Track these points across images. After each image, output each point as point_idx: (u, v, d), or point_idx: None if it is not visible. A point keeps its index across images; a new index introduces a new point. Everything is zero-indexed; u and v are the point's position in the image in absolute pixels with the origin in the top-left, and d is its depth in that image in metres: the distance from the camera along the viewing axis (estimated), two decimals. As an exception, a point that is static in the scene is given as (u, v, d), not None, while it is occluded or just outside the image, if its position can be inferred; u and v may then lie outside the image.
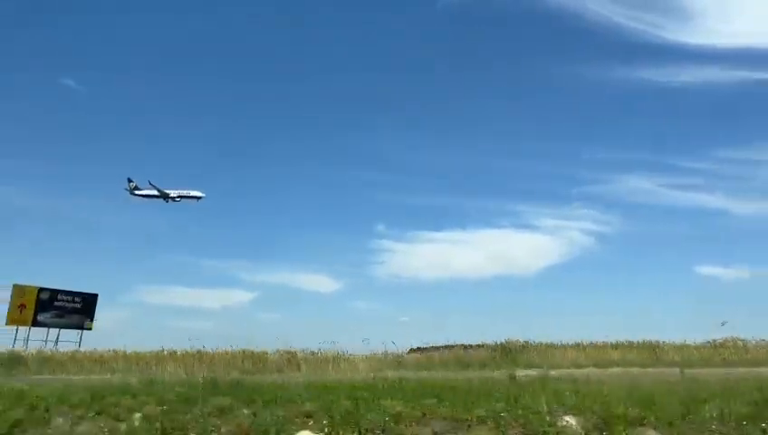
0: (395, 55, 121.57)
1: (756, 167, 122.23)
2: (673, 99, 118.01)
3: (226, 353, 26.65)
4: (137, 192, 54.37)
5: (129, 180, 54.29)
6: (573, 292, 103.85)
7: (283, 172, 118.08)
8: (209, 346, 27.20)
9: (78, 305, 42.17)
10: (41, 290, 40.31)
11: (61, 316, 40.76)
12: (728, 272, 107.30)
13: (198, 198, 54.59)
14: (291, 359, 25.63)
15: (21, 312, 38.54)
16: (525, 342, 27.68)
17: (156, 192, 53.71)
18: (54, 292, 41.14)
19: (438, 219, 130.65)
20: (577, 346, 27.15)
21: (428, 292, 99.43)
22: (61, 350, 33.47)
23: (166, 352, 27.10)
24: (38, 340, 38.65)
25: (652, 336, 27.51)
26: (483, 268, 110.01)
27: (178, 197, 53.61)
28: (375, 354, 26.15)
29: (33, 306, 39.15)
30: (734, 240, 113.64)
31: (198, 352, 26.69)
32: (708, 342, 26.98)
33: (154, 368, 24.17)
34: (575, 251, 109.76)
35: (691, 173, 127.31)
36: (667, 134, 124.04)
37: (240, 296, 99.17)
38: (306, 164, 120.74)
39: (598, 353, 26.10)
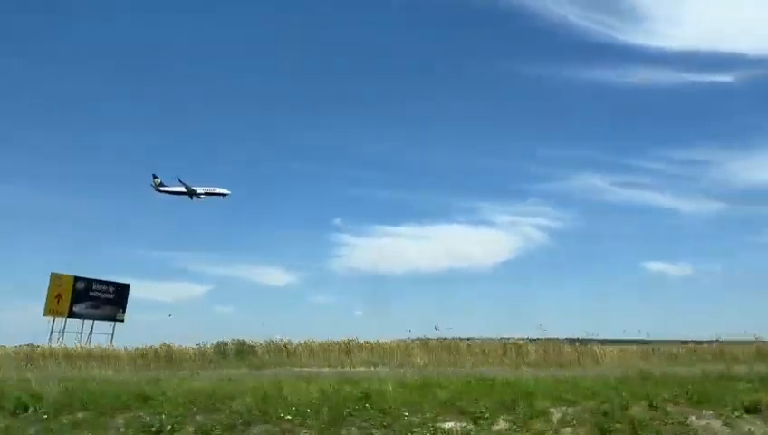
0: (354, 52, 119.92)
1: (702, 167, 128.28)
2: (626, 99, 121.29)
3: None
4: (162, 188, 52.82)
5: (155, 176, 52.70)
6: (526, 286, 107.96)
7: (239, 164, 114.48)
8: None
9: (111, 296, 41.37)
10: (77, 279, 39.29)
11: (96, 307, 39.95)
12: (674, 267, 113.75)
13: (224, 195, 53.42)
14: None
15: (58, 302, 37.57)
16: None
17: (182, 189, 52.33)
18: (90, 281, 40.20)
19: (397, 214, 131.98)
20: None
21: (386, 286, 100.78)
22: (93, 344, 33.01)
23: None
24: (72, 332, 37.98)
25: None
26: (440, 263, 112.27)
27: (205, 193, 52.30)
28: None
29: (70, 296, 38.19)
30: (680, 238, 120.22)
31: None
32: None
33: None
34: (529, 246, 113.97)
35: (642, 172, 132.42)
36: (620, 134, 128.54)
37: (193, 290, 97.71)
38: (262, 156, 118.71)
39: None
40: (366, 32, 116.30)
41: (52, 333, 36.59)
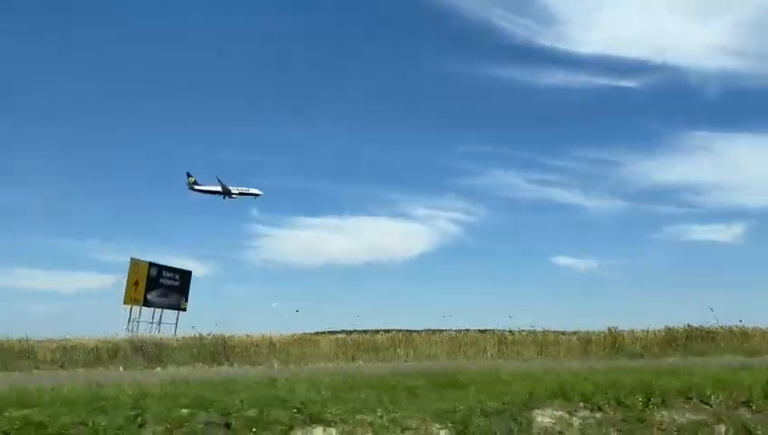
0: (273, 41, 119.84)
1: (609, 167, 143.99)
2: (540, 99, 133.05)
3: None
4: (196, 187, 51.57)
5: (189, 175, 51.21)
6: (440, 280, 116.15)
7: (150, 149, 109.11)
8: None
9: (177, 283, 40.16)
10: (151, 265, 37.72)
11: (164, 295, 38.70)
12: (581, 263, 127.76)
13: (257, 195, 53.38)
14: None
15: (135, 290, 36.08)
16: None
17: (216, 188, 51.61)
18: (161, 268, 38.70)
19: (315, 206, 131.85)
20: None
21: (304, 278, 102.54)
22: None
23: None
24: (144, 321, 36.77)
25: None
26: (357, 255, 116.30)
27: (239, 193, 51.76)
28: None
29: (144, 284, 36.75)
30: (587, 234, 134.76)
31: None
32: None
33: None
34: (445, 240, 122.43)
35: (553, 170, 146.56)
36: (534, 133, 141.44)
37: (97, 280, 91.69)
38: (174, 142, 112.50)
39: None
40: (288, 25, 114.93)
41: (130, 322, 35.31)
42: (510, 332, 23.88)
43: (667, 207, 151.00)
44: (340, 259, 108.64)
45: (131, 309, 35.61)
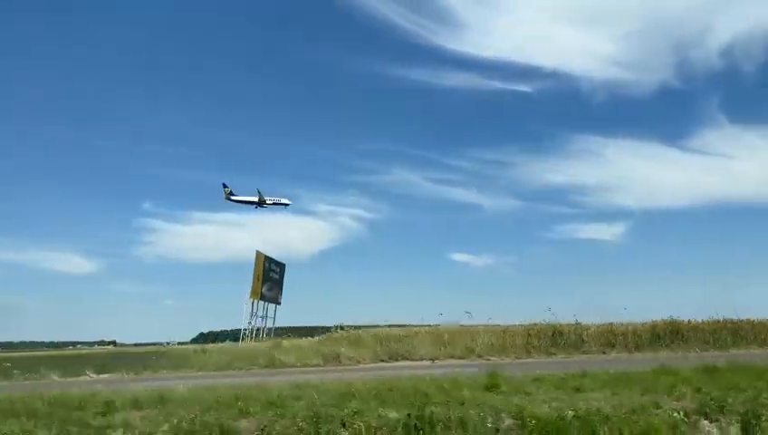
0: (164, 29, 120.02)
1: (504, 168, 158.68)
2: (440, 100, 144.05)
3: None
4: (233, 197, 54.71)
5: (225, 185, 54.55)
6: (342, 276, 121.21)
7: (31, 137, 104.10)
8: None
9: (278, 277, 39.57)
10: (266, 259, 36.97)
11: (271, 289, 38.14)
12: (477, 259, 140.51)
13: (286, 204, 56.62)
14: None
15: (256, 283, 35.36)
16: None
17: (252, 198, 55.05)
18: (270, 261, 37.98)
19: (214, 201, 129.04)
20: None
21: (201, 275, 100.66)
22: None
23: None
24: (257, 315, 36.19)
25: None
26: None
27: (272, 202, 54.73)
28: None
29: (261, 277, 36.08)
30: (483, 231, 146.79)
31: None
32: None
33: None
34: (346, 237, 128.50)
35: (451, 169, 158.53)
36: (434, 132, 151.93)
37: None
38: (54, 126, 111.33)
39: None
40: (194, 17, 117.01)
41: (252, 316, 34.66)
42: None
43: (557, 207, 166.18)
44: (240, 256, 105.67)
45: (253, 303, 35.00)
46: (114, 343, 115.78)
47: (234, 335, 36.77)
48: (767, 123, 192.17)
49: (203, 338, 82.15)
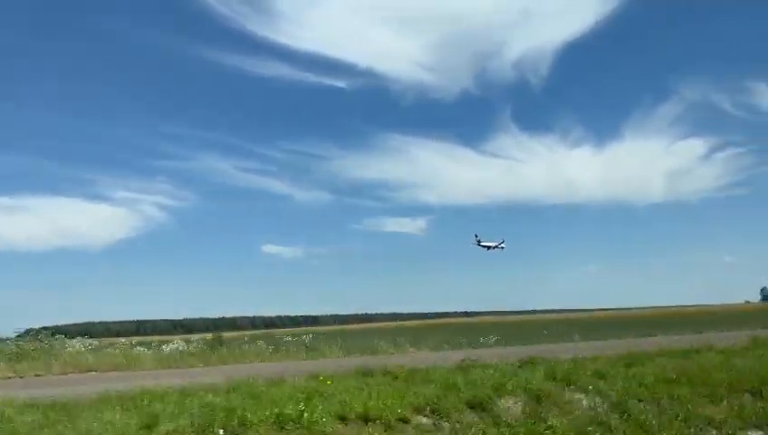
0: None
1: (317, 161, 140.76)
2: (255, 89, 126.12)
3: None
4: (481, 243, 65.60)
5: (476, 235, 67.32)
6: (144, 268, 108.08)
7: None
8: None
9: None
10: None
11: None
12: (288, 250, 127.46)
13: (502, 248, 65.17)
14: None
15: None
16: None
17: (495, 243, 65.45)
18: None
19: None
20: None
21: None
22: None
23: None
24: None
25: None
26: (45, 241, 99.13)
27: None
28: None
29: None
30: (295, 223, 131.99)
31: None
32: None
33: None
34: (150, 226, 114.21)
35: (264, 159, 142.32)
36: (246, 121, 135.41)
37: None
38: None
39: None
40: None
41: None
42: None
43: (366, 201, 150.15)
44: (19, 245, 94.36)
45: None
46: None
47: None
48: (550, 132, 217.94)
49: None
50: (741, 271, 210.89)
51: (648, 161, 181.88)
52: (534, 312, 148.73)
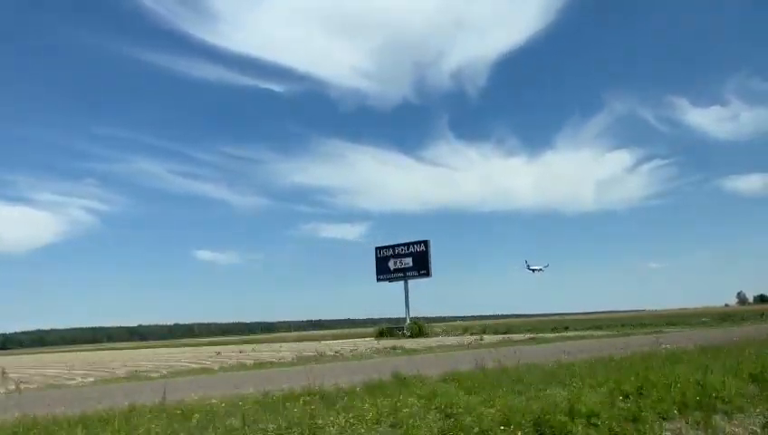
0: None
1: (253, 165, 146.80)
2: (189, 90, 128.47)
3: None
4: (530, 267, 72.38)
5: (526, 261, 78.81)
6: (71, 274, 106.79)
7: None
8: None
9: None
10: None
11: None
12: (223, 256, 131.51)
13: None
14: None
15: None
16: None
17: (540, 266, 72.86)
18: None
19: None
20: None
21: None
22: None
23: None
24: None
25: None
26: None
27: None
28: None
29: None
30: (230, 228, 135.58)
31: None
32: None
33: None
34: (77, 230, 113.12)
35: (198, 163, 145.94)
36: (180, 123, 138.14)
37: None
38: None
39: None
40: None
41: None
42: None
43: (303, 207, 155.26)
44: None
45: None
46: None
47: None
48: (486, 141, 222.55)
49: None
50: (665, 275, 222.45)
51: (579, 171, 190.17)
52: (472, 318, 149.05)
